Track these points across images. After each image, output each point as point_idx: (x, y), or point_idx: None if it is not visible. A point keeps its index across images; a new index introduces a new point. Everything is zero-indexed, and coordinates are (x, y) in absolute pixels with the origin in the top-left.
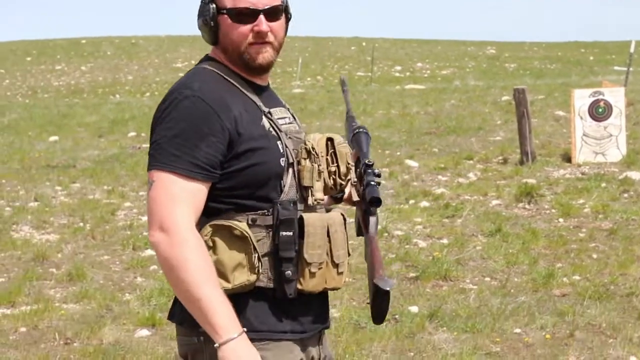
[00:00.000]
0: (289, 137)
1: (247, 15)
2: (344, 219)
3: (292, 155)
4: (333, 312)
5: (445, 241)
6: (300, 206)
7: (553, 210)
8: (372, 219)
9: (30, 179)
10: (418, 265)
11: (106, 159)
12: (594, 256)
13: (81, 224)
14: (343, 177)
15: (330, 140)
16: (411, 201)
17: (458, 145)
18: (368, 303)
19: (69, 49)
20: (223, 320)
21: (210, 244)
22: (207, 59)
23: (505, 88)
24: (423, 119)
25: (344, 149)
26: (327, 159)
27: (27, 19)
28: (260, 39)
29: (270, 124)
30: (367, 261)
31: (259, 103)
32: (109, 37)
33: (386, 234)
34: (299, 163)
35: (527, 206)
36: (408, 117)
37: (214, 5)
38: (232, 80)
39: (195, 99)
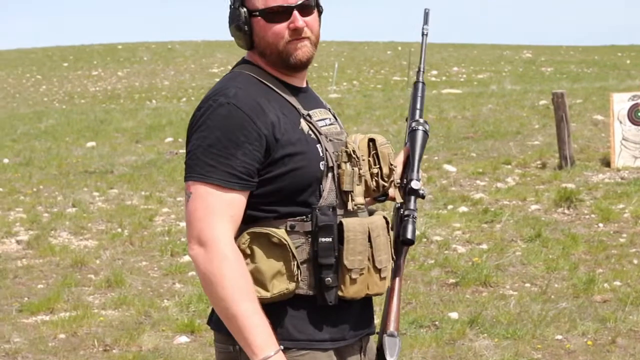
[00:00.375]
0: (329, 140)
1: (280, 14)
2: (387, 222)
3: (332, 159)
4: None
5: (484, 246)
6: (340, 211)
7: (593, 215)
8: (400, 261)
9: (68, 184)
10: (457, 271)
11: (143, 164)
12: (635, 262)
13: (119, 230)
14: (386, 179)
15: (372, 141)
16: (450, 206)
17: (496, 150)
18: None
19: (106, 55)
20: (259, 338)
21: (248, 252)
22: (243, 62)
23: (543, 92)
24: (460, 124)
25: (386, 149)
26: (369, 160)
27: (64, 24)
28: (297, 35)
29: (310, 127)
30: (384, 308)
31: (297, 105)
32: (146, 43)
33: (425, 240)
34: (339, 167)
35: (566, 211)
36: (445, 121)
37: (245, 9)
38: (269, 84)
39: (230, 107)
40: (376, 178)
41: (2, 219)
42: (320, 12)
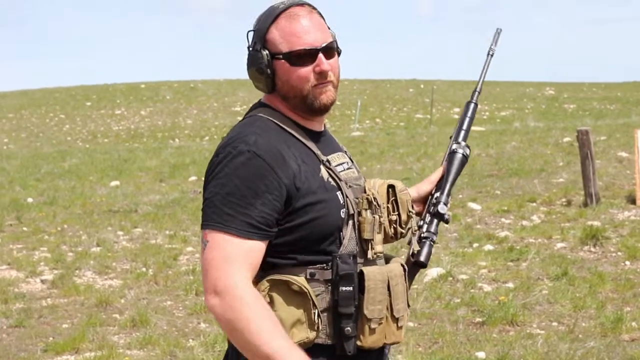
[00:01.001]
0: (350, 186)
1: (305, 57)
2: (405, 270)
3: (352, 206)
4: (399, 358)
5: (510, 285)
6: (360, 259)
7: (619, 253)
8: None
9: (92, 224)
10: (484, 309)
11: (167, 203)
12: None
13: (144, 269)
14: (404, 226)
15: (391, 187)
16: (475, 244)
17: (520, 188)
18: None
19: (129, 94)
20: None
21: (268, 299)
22: (260, 105)
23: (566, 129)
24: (484, 161)
25: (405, 196)
26: (387, 207)
27: (88, 64)
28: (323, 78)
29: (330, 174)
30: None
31: (317, 152)
32: (168, 82)
33: (451, 278)
34: (359, 214)
35: (592, 249)
36: (469, 159)
37: (267, 52)
38: (288, 128)
39: (250, 155)
40: (394, 225)
41: (26, 259)
42: (339, 54)
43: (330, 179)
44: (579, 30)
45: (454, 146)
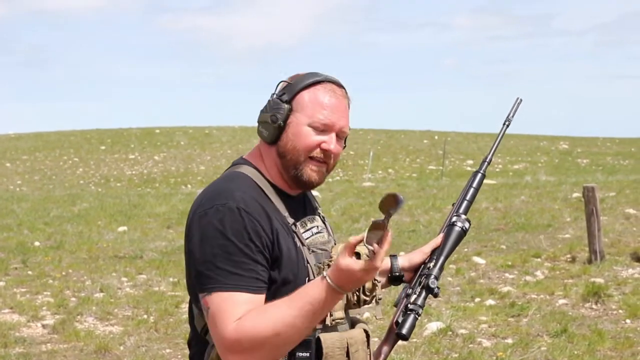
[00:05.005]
0: (312, 251)
1: (321, 131)
2: (367, 336)
3: (313, 273)
4: None
5: (509, 341)
6: (319, 325)
7: (620, 311)
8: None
9: (97, 269)
10: None
11: (173, 250)
12: None
13: (145, 316)
14: (368, 294)
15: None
16: (477, 299)
17: (526, 243)
18: None
19: (143, 139)
20: (314, 297)
21: None
22: (242, 162)
23: (577, 184)
24: (492, 215)
25: None
26: None
27: (103, 107)
28: (325, 157)
29: (294, 237)
30: None
31: (285, 214)
32: (183, 127)
33: (450, 333)
34: None
35: (594, 306)
36: (477, 212)
37: (290, 107)
38: (264, 189)
39: (240, 212)
40: (357, 293)
41: (29, 303)
42: (343, 148)
43: (297, 242)
44: (594, 84)
45: (454, 219)
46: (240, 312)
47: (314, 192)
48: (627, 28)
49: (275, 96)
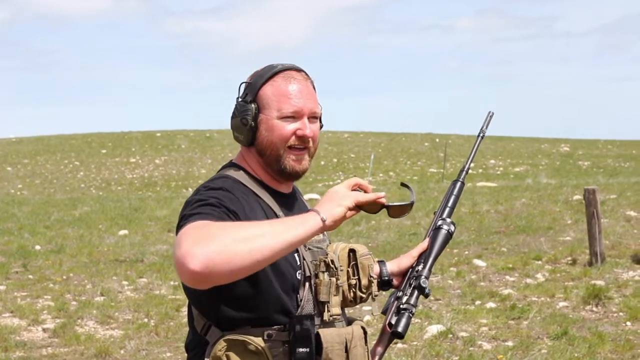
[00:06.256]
0: (308, 248)
1: (291, 119)
2: (365, 333)
3: (309, 269)
4: None
5: (510, 344)
6: (317, 320)
7: (621, 314)
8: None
9: (97, 273)
10: None
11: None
12: None
13: (145, 320)
14: (364, 290)
15: (352, 251)
16: (477, 302)
17: (527, 245)
18: None
19: (144, 142)
20: (294, 221)
21: (224, 359)
22: (230, 165)
23: (578, 187)
24: (493, 218)
25: (367, 261)
26: (348, 271)
27: (104, 111)
28: (302, 143)
29: None
30: None
31: (279, 213)
32: (184, 131)
33: (451, 335)
34: (316, 276)
35: (594, 309)
36: (478, 215)
37: (255, 105)
38: (254, 189)
39: (224, 191)
40: (354, 289)
41: (30, 307)
42: (321, 127)
43: None
44: (596, 86)
45: (440, 222)
46: (204, 226)
47: (314, 195)
48: (630, 30)
49: (240, 99)
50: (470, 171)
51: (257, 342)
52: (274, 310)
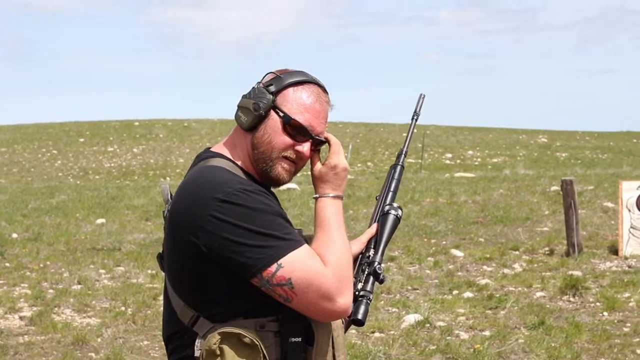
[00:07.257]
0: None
1: (298, 133)
2: (343, 321)
3: None
4: None
5: (487, 333)
6: None
7: (598, 304)
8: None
9: (75, 261)
10: (459, 357)
11: (151, 242)
12: (638, 351)
13: (123, 308)
14: None
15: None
16: (455, 291)
17: (504, 236)
18: None
19: (122, 131)
20: (332, 211)
21: (218, 352)
22: (210, 154)
23: (555, 178)
24: (470, 208)
25: None
26: None
27: (82, 100)
28: (297, 159)
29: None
30: None
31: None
32: (162, 120)
33: (428, 325)
34: None
35: (571, 299)
36: (455, 205)
37: (274, 98)
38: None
39: (246, 192)
40: None
41: (6, 295)
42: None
43: None
44: (575, 79)
45: (387, 207)
46: (319, 259)
47: (292, 185)
48: (610, 23)
49: (261, 85)
50: (447, 162)
51: (252, 334)
52: (265, 301)
